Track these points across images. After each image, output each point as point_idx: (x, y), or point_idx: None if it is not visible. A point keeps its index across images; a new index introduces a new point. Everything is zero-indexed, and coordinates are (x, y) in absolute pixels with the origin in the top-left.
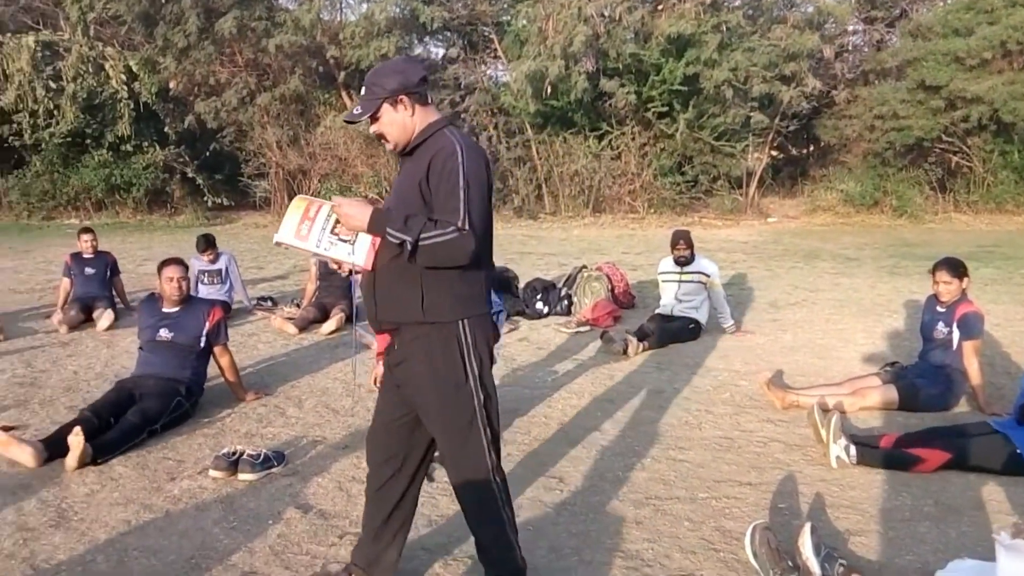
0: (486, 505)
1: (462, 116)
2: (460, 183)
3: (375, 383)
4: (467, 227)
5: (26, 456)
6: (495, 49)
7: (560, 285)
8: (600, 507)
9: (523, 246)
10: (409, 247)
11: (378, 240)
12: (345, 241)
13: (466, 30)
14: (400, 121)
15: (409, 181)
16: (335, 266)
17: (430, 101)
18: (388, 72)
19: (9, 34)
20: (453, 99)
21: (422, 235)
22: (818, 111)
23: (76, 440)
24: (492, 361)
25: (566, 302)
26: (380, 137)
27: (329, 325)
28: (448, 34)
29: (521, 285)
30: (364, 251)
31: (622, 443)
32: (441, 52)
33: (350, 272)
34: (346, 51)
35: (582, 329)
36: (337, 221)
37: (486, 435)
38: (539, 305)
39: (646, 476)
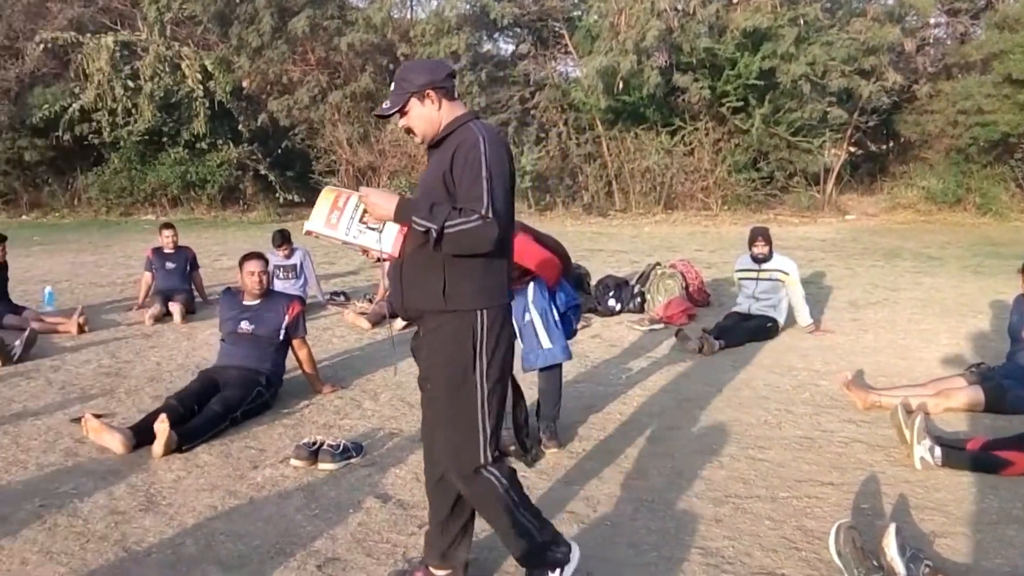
0: (487, 495)
1: (531, 113)
2: (483, 172)
3: None
4: (490, 215)
5: (116, 443)
6: (565, 45)
7: (633, 282)
8: (679, 504)
9: (593, 243)
10: (434, 235)
11: (405, 228)
12: (373, 229)
13: (536, 26)
14: (427, 115)
15: (434, 173)
16: (363, 254)
17: (456, 97)
18: (416, 68)
19: (89, 35)
20: (523, 95)
21: (447, 223)
22: (898, 106)
23: (162, 427)
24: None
25: (639, 299)
26: (408, 131)
27: (400, 321)
28: (518, 30)
29: (593, 282)
30: (391, 239)
31: (699, 441)
32: (511, 48)
33: (378, 259)
34: (416, 48)
35: (656, 327)
36: (365, 210)
37: (484, 428)
38: (611, 302)
39: (725, 474)
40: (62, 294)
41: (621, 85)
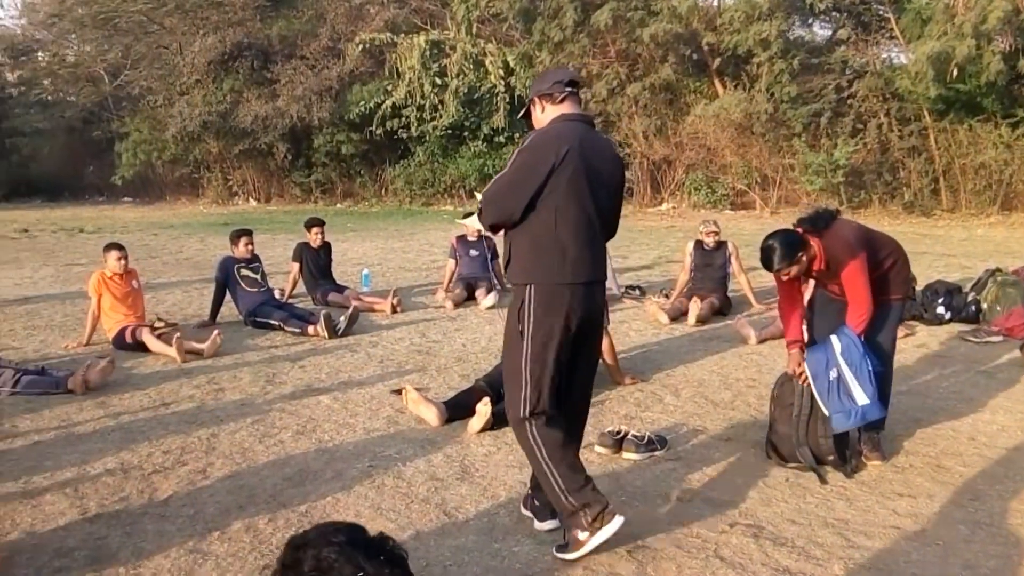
0: (524, 444)
1: (848, 102)
2: (509, 162)
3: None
4: (484, 196)
5: (431, 415)
6: (891, 29)
7: (967, 289)
8: (1020, 532)
9: (915, 245)
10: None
11: None
12: None
13: (858, 10)
14: (537, 118)
15: None
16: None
17: (564, 100)
18: (537, 79)
19: (402, 35)
20: (839, 84)
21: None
22: None
23: (485, 409)
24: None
25: (973, 308)
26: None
27: (691, 317)
28: (836, 14)
29: (919, 287)
30: None
31: None
32: (827, 34)
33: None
34: (723, 37)
35: (993, 339)
36: None
37: (528, 384)
38: (940, 309)
39: None
40: (374, 277)
41: (955, 72)
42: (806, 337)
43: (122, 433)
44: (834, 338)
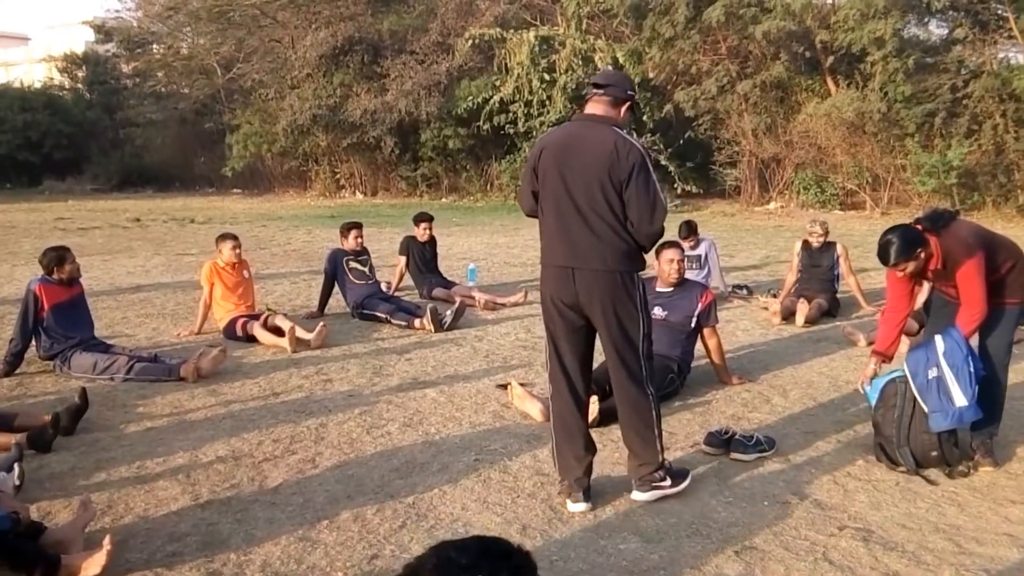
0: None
1: (964, 103)
2: None
3: (862, 384)
4: None
5: (536, 411)
6: (1009, 29)
7: None
8: None
9: None
10: None
11: None
12: None
13: (975, 9)
14: None
15: None
16: None
17: (587, 102)
18: None
19: (512, 30)
20: (954, 84)
21: None
22: None
23: (593, 407)
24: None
25: None
26: None
27: (800, 318)
28: (953, 13)
29: None
30: None
31: None
32: (943, 33)
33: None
34: (836, 35)
35: None
36: None
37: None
38: None
39: None
40: (480, 272)
41: None
42: (900, 347)
43: (233, 421)
44: (938, 338)
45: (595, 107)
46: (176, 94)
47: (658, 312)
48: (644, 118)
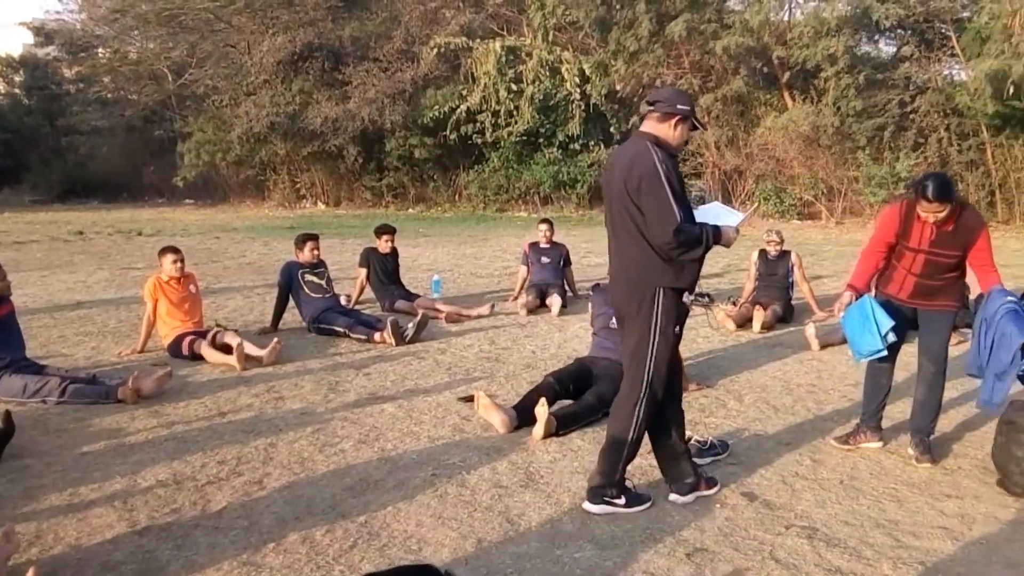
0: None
1: (911, 117)
2: None
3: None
4: None
5: (499, 421)
6: (952, 47)
7: (1019, 298)
8: None
9: None
10: None
11: None
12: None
13: (922, 27)
14: None
15: None
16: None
17: (645, 118)
18: None
19: (478, 40)
20: (902, 99)
21: None
22: None
23: (542, 411)
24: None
25: None
26: None
27: (756, 324)
28: (901, 31)
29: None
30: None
31: None
32: (891, 50)
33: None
34: (792, 51)
35: None
36: None
37: None
38: None
39: None
40: (445, 283)
41: (1012, 90)
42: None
43: (175, 443)
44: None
45: (646, 123)
46: (123, 100)
47: (615, 322)
48: (611, 129)
